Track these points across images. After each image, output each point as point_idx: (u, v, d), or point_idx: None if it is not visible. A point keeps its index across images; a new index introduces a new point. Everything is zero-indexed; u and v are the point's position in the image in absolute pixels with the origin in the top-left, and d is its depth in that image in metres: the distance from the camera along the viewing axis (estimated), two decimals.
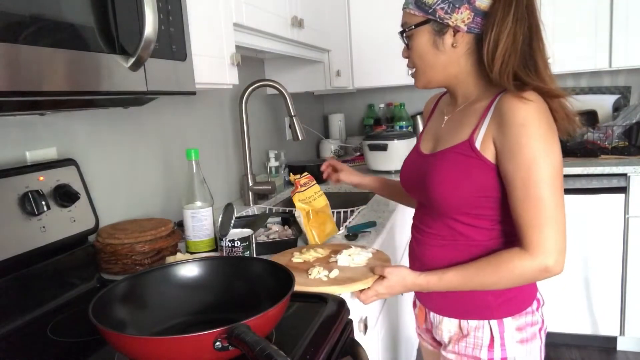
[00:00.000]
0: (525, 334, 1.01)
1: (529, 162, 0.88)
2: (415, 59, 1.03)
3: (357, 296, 1.06)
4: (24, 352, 0.87)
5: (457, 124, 1.03)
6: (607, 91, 2.80)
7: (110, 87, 0.80)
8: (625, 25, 2.39)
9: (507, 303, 1.00)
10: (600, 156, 2.45)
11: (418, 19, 0.99)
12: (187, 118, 1.73)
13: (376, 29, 2.66)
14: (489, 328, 1.01)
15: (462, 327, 1.04)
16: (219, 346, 0.66)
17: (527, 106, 0.89)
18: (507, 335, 1.00)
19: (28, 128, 1.11)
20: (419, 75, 1.05)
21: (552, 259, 0.89)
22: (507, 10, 0.91)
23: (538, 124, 0.89)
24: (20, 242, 0.96)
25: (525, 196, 0.89)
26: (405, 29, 1.02)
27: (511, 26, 0.91)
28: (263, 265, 0.94)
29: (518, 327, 1.01)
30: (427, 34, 0.99)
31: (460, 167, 0.96)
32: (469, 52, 0.98)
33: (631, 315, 2.37)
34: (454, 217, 1.00)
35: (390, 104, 3.15)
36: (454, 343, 1.05)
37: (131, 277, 0.88)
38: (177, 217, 1.51)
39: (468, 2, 0.94)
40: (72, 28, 0.73)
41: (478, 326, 1.02)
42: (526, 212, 0.89)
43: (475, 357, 1.02)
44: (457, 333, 1.05)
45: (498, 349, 1.00)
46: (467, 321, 1.03)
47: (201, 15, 1.22)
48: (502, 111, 0.91)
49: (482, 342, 1.01)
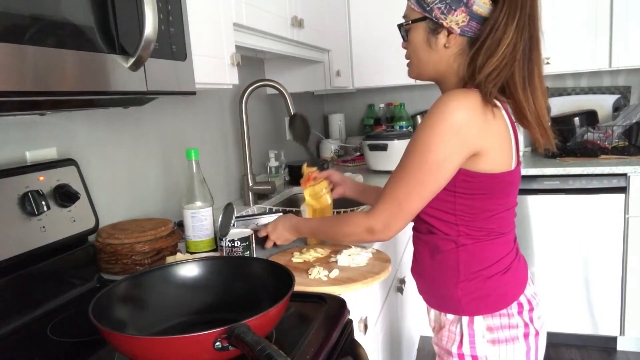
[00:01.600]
0: (498, 335, 1.01)
1: (408, 146, 0.98)
2: (411, 52, 1.07)
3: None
4: (24, 352, 0.87)
5: None
6: (607, 91, 2.80)
7: (110, 87, 0.80)
8: (625, 25, 2.39)
9: (477, 301, 1.01)
10: (600, 156, 2.45)
11: (416, 15, 1.02)
12: (187, 118, 1.73)
13: (376, 29, 2.66)
14: (460, 324, 1.03)
15: (442, 320, 1.08)
16: (219, 346, 0.66)
17: (444, 97, 0.94)
18: (477, 333, 1.01)
19: (28, 128, 1.11)
20: (412, 67, 1.09)
21: (380, 224, 1.00)
22: (511, 19, 0.91)
23: (437, 116, 0.93)
24: (20, 242, 0.96)
25: (393, 173, 1.00)
26: (404, 22, 1.05)
27: (512, 35, 0.91)
28: (263, 265, 0.94)
29: (489, 327, 1.01)
30: (422, 31, 1.02)
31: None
32: (459, 54, 1.00)
33: (631, 315, 2.37)
34: (423, 210, 1.03)
35: (390, 104, 3.15)
36: (435, 333, 1.11)
37: (131, 277, 0.88)
38: (177, 217, 1.51)
39: (465, 5, 0.94)
40: (72, 28, 0.73)
41: (453, 320, 1.05)
42: (386, 185, 1.01)
43: (447, 351, 1.05)
44: (437, 324, 1.10)
45: (467, 346, 1.02)
46: (445, 314, 1.06)
47: (201, 15, 1.22)
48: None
49: (455, 337, 1.04)
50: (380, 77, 2.73)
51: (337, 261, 1.17)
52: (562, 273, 2.41)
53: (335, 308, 0.95)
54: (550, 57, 2.48)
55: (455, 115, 0.91)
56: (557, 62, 2.49)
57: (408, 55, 1.08)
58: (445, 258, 1.04)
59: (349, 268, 1.13)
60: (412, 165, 0.96)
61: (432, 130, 0.93)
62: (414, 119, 3.06)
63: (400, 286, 1.73)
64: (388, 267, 1.14)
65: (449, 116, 0.91)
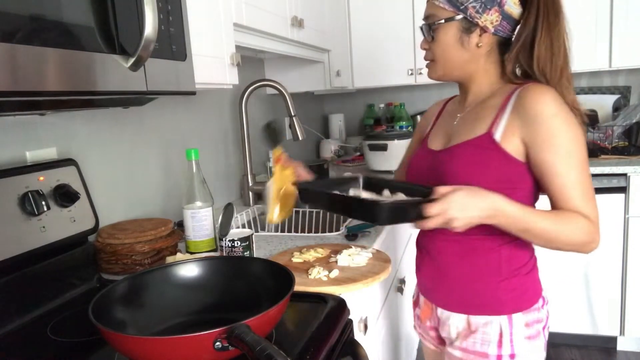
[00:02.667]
0: (532, 331, 1.02)
1: (568, 149, 0.92)
2: (437, 52, 1.03)
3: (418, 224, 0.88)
4: (24, 352, 0.87)
5: (471, 120, 1.04)
6: (607, 91, 2.80)
7: (110, 87, 0.80)
8: (625, 25, 2.39)
9: (517, 299, 1.01)
10: (600, 156, 2.45)
11: (447, 14, 1.00)
12: (187, 118, 1.73)
13: (376, 29, 2.67)
14: (499, 324, 1.01)
15: (471, 323, 1.04)
16: (219, 346, 0.66)
17: (552, 97, 0.93)
18: (516, 331, 1.01)
19: (28, 128, 1.11)
20: (436, 67, 1.06)
21: (599, 235, 0.93)
22: (544, 20, 0.95)
23: (566, 112, 0.93)
24: (20, 242, 0.96)
25: (576, 179, 0.92)
26: (432, 21, 1.02)
27: (562, 32, 0.96)
28: (263, 265, 0.94)
29: (526, 323, 1.01)
30: (454, 30, 1.00)
31: (478, 158, 0.98)
32: (489, 53, 1.02)
33: (631, 315, 2.37)
34: None
35: (390, 104, 3.15)
36: (461, 339, 1.05)
37: (131, 277, 0.88)
38: (177, 217, 1.51)
39: (498, 5, 0.97)
40: (72, 28, 0.72)
41: (487, 322, 1.02)
42: (576, 191, 0.92)
43: (483, 353, 1.02)
44: (465, 329, 1.05)
45: (507, 345, 1.01)
46: (476, 317, 1.03)
47: (201, 16, 1.22)
48: (529, 106, 0.94)
49: (491, 338, 1.01)
50: (380, 77, 2.74)
51: (337, 261, 1.17)
52: (562, 273, 2.41)
53: (335, 308, 0.95)
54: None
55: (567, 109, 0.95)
56: None
57: (432, 55, 1.05)
58: (484, 258, 1.02)
59: (349, 268, 1.13)
60: (583, 159, 0.93)
61: (574, 125, 0.93)
62: (413, 119, 3.06)
63: (400, 286, 1.73)
64: (388, 267, 1.14)
65: (565, 105, 0.94)
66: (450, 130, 1.09)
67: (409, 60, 2.68)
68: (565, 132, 0.92)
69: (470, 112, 1.06)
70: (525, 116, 0.94)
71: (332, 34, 2.34)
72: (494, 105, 1.00)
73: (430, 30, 1.03)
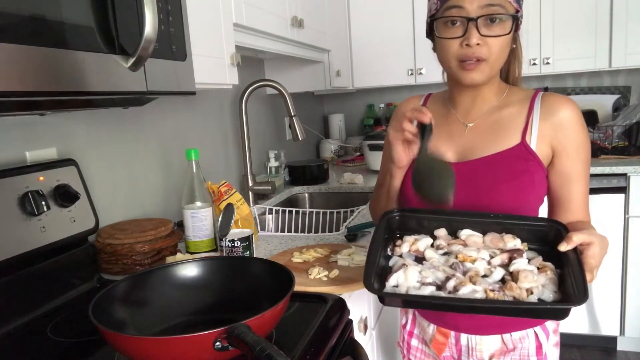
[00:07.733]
0: (557, 337, 1.02)
1: (587, 158, 0.97)
2: (495, 49, 0.90)
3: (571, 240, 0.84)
4: (24, 352, 0.87)
5: (492, 129, 0.98)
6: (607, 91, 2.80)
7: (110, 87, 0.80)
8: (625, 25, 2.39)
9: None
10: (600, 156, 2.45)
11: (512, 8, 0.91)
12: (187, 118, 1.73)
13: (376, 29, 2.66)
14: (534, 335, 0.99)
15: (506, 342, 1.00)
16: (219, 346, 0.66)
17: (577, 106, 0.95)
18: (551, 340, 1.01)
19: (28, 128, 1.11)
20: (485, 68, 0.92)
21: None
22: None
23: (585, 128, 0.97)
24: (20, 242, 0.96)
25: (584, 188, 0.98)
26: (499, 13, 0.89)
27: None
28: (263, 265, 0.94)
29: (554, 330, 1.02)
30: (511, 27, 0.91)
31: (521, 169, 0.94)
32: None
33: (631, 315, 2.37)
34: None
35: (390, 104, 3.15)
36: (497, 359, 1.02)
37: (131, 277, 0.88)
38: (177, 217, 1.51)
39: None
40: (72, 28, 0.73)
41: (522, 336, 0.99)
42: (586, 199, 0.99)
43: None
44: (500, 349, 1.01)
45: (552, 352, 1.01)
46: (511, 334, 0.99)
47: (201, 15, 1.22)
48: (560, 115, 0.94)
49: (529, 352, 0.99)
50: (380, 77, 2.74)
51: (337, 261, 1.17)
52: None
53: (335, 308, 0.95)
54: (550, 57, 2.48)
55: None
56: (557, 62, 2.49)
57: (487, 52, 0.91)
58: None
59: (349, 268, 1.13)
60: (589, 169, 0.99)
61: (588, 135, 0.98)
62: None
63: None
64: None
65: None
66: (461, 141, 1.01)
67: (408, 60, 2.68)
68: (587, 143, 0.96)
69: (485, 121, 0.99)
70: (556, 124, 0.94)
71: (332, 34, 2.34)
72: (516, 113, 0.97)
73: (493, 24, 0.89)
